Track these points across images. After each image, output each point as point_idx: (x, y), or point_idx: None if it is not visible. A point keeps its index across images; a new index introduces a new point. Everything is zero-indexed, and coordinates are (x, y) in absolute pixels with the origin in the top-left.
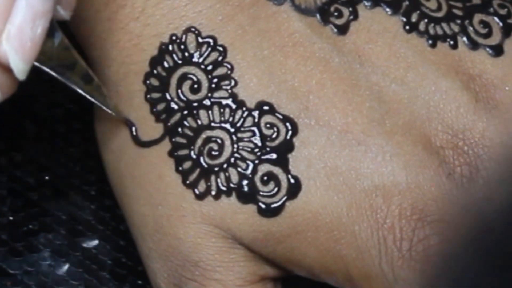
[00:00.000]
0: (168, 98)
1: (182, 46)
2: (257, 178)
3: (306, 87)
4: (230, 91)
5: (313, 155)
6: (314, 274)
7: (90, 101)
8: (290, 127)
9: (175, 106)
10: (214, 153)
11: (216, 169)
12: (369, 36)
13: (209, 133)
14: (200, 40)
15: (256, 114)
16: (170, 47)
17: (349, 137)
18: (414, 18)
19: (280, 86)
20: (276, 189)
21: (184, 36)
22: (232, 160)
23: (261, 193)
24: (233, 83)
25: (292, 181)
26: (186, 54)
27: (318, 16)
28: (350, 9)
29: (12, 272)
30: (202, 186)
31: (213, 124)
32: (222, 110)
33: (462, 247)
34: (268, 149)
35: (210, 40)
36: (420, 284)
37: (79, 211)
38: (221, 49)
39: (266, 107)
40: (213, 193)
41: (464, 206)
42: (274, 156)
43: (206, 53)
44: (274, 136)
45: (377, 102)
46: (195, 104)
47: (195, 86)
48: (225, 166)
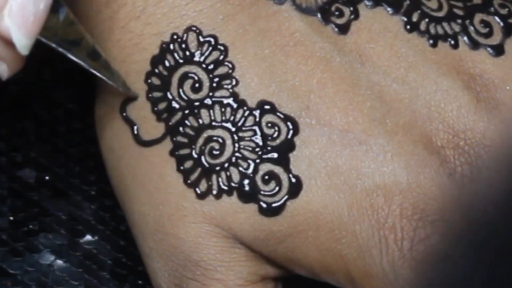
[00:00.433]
0: (169, 97)
1: (183, 45)
2: (258, 178)
3: (307, 87)
4: (231, 90)
5: (314, 155)
6: (314, 273)
7: (98, 80)
8: (291, 127)
9: (176, 105)
10: (215, 152)
11: (217, 168)
12: (370, 35)
13: (210, 132)
14: (201, 39)
15: (257, 113)
16: (171, 46)
17: (350, 136)
18: (415, 18)
19: (281, 86)
20: (277, 188)
21: (185, 35)
22: (233, 159)
23: (262, 192)
24: (234, 82)
25: (293, 180)
26: (187, 53)
27: (319, 15)
28: (351, 8)
29: (12, 272)
30: (203, 186)
31: (214, 123)
32: (223, 110)
33: (463, 247)
34: (269, 148)
35: (211, 39)
36: (421, 283)
37: (79, 211)
38: (222, 48)
39: (267, 107)
40: (214, 192)
41: (465, 206)
42: (275, 155)
43: (207, 52)
44: (275, 135)
45: (378, 102)
46: (196, 103)
47: (196, 85)
48: (226, 165)
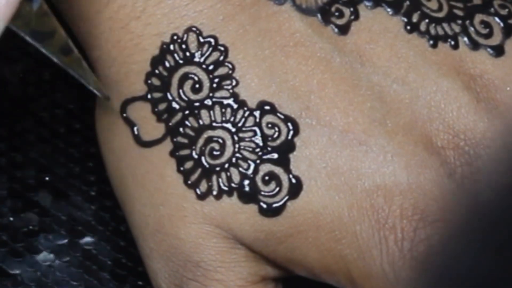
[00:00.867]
0: (169, 98)
1: (184, 46)
2: (258, 178)
3: (307, 87)
4: (231, 91)
5: (314, 155)
6: (315, 274)
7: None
8: (291, 127)
9: (177, 106)
10: (215, 153)
11: (217, 169)
12: (370, 36)
13: (210, 133)
14: (201, 39)
15: (257, 114)
16: (172, 47)
17: (350, 137)
18: (415, 18)
19: (281, 86)
20: (277, 189)
21: (185, 35)
22: (233, 160)
23: (262, 193)
24: (234, 83)
25: (293, 181)
26: (188, 53)
27: (319, 16)
28: (351, 9)
29: (12, 272)
30: (203, 186)
31: (214, 124)
32: (223, 110)
33: (463, 247)
34: (269, 149)
35: (211, 39)
36: (421, 284)
37: (79, 212)
38: (222, 48)
39: (267, 107)
40: (214, 193)
41: (465, 206)
42: (275, 156)
43: (208, 52)
44: (275, 136)
45: (378, 102)
46: (197, 104)
47: (197, 86)
48: (226, 166)
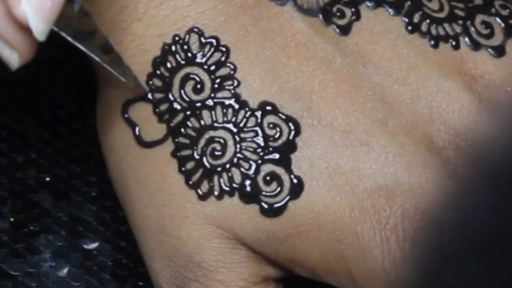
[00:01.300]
0: (171, 98)
1: (185, 47)
2: (259, 178)
3: (308, 88)
4: (233, 92)
5: (315, 155)
6: (316, 274)
7: (112, 74)
8: (293, 127)
9: (178, 107)
10: (217, 153)
11: (219, 169)
12: (371, 36)
13: (212, 133)
14: (203, 40)
15: (259, 114)
16: (173, 48)
17: (351, 137)
18: (416, 19)
19: (282, 86)
20: (278, 189)
21: (187, 36)
22: (235, 160)
23: (263, 193)
24: (236, 84)
25: (294, 181)
26: (189, 54)
27: (320, 16)
28: (353, 9)
29: (13, 273)
30: (205, 187)
31: (216, 124)
32: (225, 111)
33: (465, 248)
34: (270, 149)
35: (213, 40)
36: (422, 284)
37: (80, 212)
38: (224, 49)
39: (269, 107)
40: (216, 193)
41: (467, 207)
42: (276, 156)
43: (209, 53)
44: (277, 136)
45: (379, 103)
46: (198, 104)
47: (198, 86)
48: (228, 166)
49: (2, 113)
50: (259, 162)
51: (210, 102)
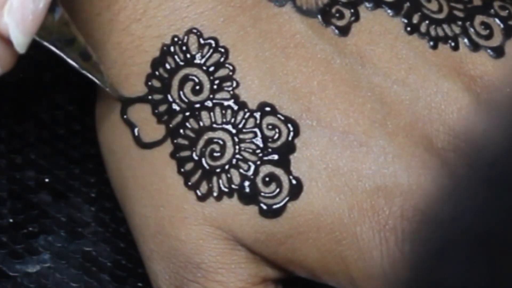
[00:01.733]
0: (169, 99)
1: (184, 48)
2: (258, 179)
3: (307, 88)
4: (232, 93)
5: (314, 156)
6: (315, 275)
7: (90, 80)
8: (291, 128)
9: (177, 108)
10: (216, 154)
11: (218, 170)
12: (370, 37)
13: (211, 134)
14: (202, 41)
15: (257, 115)
16: (172, 49)
17: (350, 138)
18: (415, 20)
19: (281, 87)
20: (277, 190)
21: (186, 37)
22: (233, 161)
23: (262, 194)
24: (235, 85)
25: (293, 182)
26: (188, 55)
27: (319, 17)
28: (352, 10)
29: (12, 274)
30: (204, 188)
31: (215, 125)
32: (224, 112)
33: (464, 249)
34: (269, 150)
35: (212, 41)
36: (422, 285)
37: (79, 213)
38: (223, 50)
39: (267, 108)
40: (215, 194)
41: (466, 208)
42: (275, 157)
43: (208, 54)
44: (276, 137)
45: (378, 104)
46: (197, 105)
47: (197, 87)
48: (227, 167)
49: (1, 113)
50: (258, 163)
51: (209, 103)
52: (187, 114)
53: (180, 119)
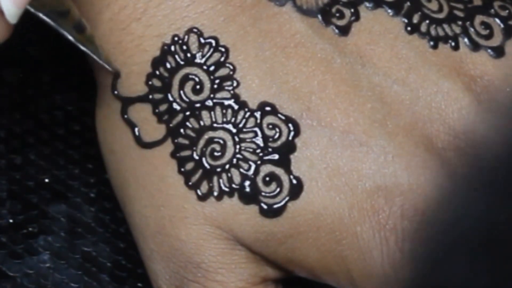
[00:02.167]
0: (170, 99)
1: (184, 47)
2: (259, 179)
3: (308, 88)
4: (232, 92)
5: (315, 156)
6: (315, 275)
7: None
8: (292, 128)
9: (178, 107)
10: (216, 154)
11: (218, 170)
12: (370, 37)
13: (211, 134)
14: (202, 41)
15: (258, 115)
16: (172, 48)
17: (351, 137)
18: (415, 19)
19: (282, 87)
20: (278, 189)
21: (186, 36)
22: (234, 161)
23: (263, 193)
24: (235, 84)
25: (294, 181)
26: (188, 55)
27: (319, 17)
28: (352, 10)
29: (11, 274)
30: (204, 187)
31: (215, 125)
32: (224, 111)
33: (464, 249)
34: (270, 149)
35: (212, 41)
36: (421, 285)
37: (79, 214)
38: (223, 49)
39: (268, 108)
40: (215, 194)
41: (466, 208)
42: (276, 156)
43: (208, 53)
44: (276, 137)
45: (379, 103)
46: (198, 105)
47: (198, 87)
48: (227, 167)
49: (0, 114)
50: (259, 162)
51: (209, 103)
52: (188, 113)
53: (180, 119)
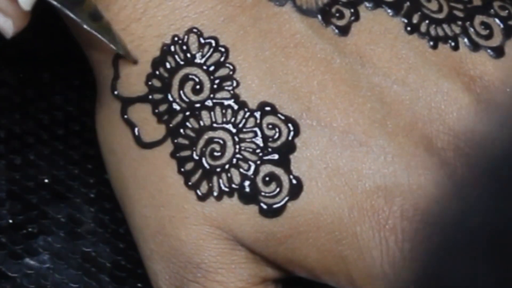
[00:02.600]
0: (170, 99)
1: (184, 47)
2: (259, 179)
3: (307, 88)
4: (232, 92)
5: (314, 156)
6: (315, 275)
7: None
8: (292, 128)
9: (177, 107)
10: (216, 154)
11: (218, 170)
12: (370, 37)
13: (211, 134)
14: (202, 41)
15: (258, 115)
16: (172, 48)
17: (350, 138)
18: (415, 20)
19: (281, 87)
20: (277, 189)
21: (186, 37)
22: (234, 161)
23: (262, 193)
24: (235, 84)
25: (293, 181)
26: (188, 55)
27: (319, 17)
28: (352, 10)
29: (11, 275)
30: (204, 187)
31: (215, 125)
32: (224, 111)
33: (464, 249)
34: (270, 149)
35: (212, 41)
36: (421, 285)
37: (79, 214)
38: (223, 50)
39: (268, 108)
40: (215, 194)
41: (465, 208)
42: (276, 156)
43: (208, 54)
44: (276, 137)
45: (378, 103)
46: (197, 105)
47: (197, 87)
48: (227, 167)
49: (0, 114)
50: (258, 162)
51: (209, 103)
52: (188, 113)
53: (180, 119)
